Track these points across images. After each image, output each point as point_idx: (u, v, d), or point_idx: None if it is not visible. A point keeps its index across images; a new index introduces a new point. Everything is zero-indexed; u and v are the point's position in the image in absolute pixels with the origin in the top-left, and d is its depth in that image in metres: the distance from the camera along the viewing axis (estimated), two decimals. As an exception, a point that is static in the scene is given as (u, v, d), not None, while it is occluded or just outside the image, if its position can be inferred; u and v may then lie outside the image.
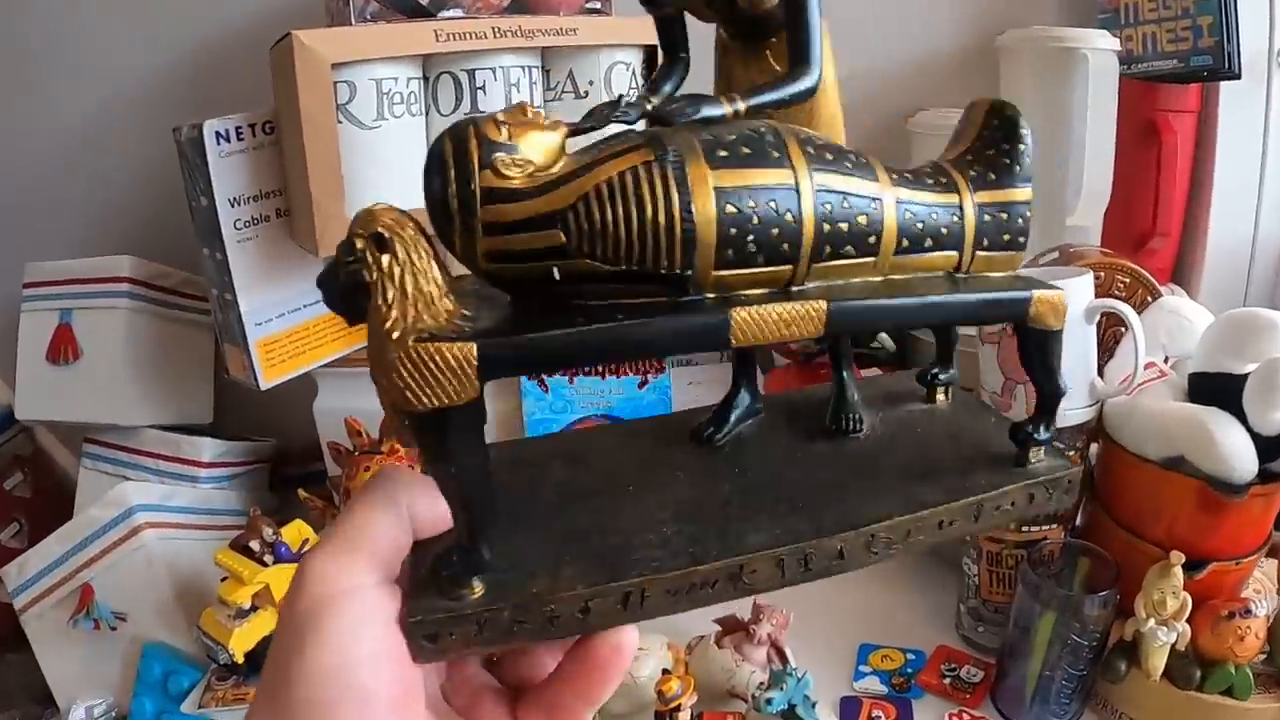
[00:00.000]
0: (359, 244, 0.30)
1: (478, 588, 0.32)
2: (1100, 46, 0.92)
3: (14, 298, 1.01)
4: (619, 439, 0.45)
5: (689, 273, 0.32)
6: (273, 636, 0.33)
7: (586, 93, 0.87)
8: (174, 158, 0.86)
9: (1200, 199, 1.04)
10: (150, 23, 1.12)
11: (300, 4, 1.06)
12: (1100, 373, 0.76)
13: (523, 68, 0.83)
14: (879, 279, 0.36)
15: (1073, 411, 0.74)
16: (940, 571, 0.90)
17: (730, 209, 0.32)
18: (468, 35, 0.77)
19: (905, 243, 0.36)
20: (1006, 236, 0.39)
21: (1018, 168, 0.39)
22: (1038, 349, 0.40)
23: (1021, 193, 0.39)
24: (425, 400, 0.29)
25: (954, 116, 0.97)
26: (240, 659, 0.77)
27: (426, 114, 0.82)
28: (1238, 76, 0.96)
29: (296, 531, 0.82)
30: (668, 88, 0.40)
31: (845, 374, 0.45)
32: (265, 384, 0.86)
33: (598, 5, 0.88)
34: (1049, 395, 0.41)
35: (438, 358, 0.29)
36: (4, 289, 1.05)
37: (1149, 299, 0.84)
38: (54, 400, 0.99)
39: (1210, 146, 1.02)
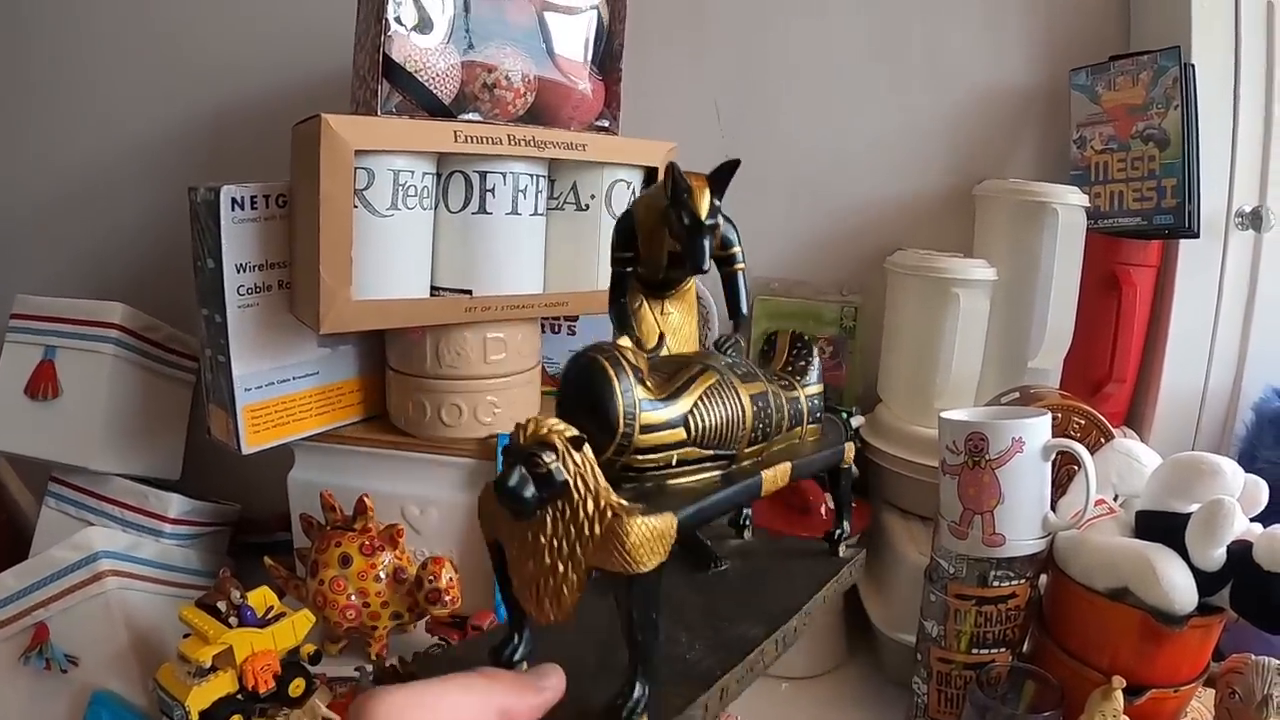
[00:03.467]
0: (559, 444, 0.38)
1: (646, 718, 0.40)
2: (1069, 202, 0.98)
3: (-1, 326, 1.01)
4: None
5: (735, 450, 0.48)
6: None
7: (588, 205, 0.91)
8: (177, 214, 0.88)
9: (1156, 349, 1.07)
10: (174, 81, 1.16)
11: (321, 84, 1.11)
12: (1053, 507, 0.79)
13: (531, 175, 0.86)
14: (778, 448, 0.53)
15: (1025, 543, 0.76)
16: (889, 691, 0.92)
17: (756, 407, 0.49)
18: (484, 139, 0.81)
19: (789, 424, 0.54)
20: (818, 415, 0.58)
21: (814, 372, 0.59)
22: (842, 480, 0.60)
23: (818, 388, 0.59)
24: (649, 561, 0.38)
25: (930, 257, 1.03)
26: (195, 717, 0.76)
27: (435, 208, 0.84)
28: (1196, 235, 1.01)
29: (262, 597, 0.82)
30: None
31: (698, 535, 0.59)
32: (247, 449, 0.87)
33: (606, 124, 0.93)
34: (844, 508, 0.62)
35: (653, 528, 0.39)
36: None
37: (1102, 440, 0.88)
38: (26, 434, 0.98)
39: (1168, 300, 1.06)
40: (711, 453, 0.46)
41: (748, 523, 0.65)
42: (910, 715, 0.84)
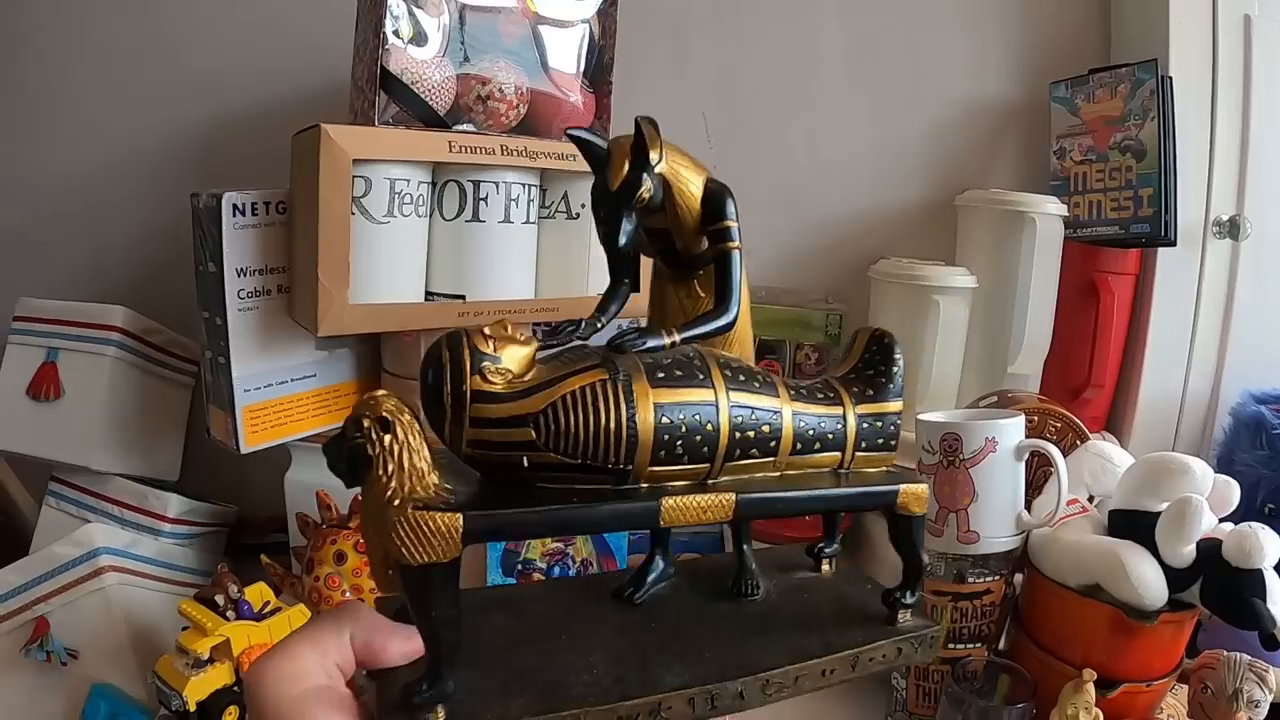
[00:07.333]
0: (365, 423, 0.36)
1: (441, 714, 0.38)
2: (1047, 211, 1.00)
3: (1, 327, 1.03)
4: (553, 594, 0.52)
5: (629, 467, 0.39)
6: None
7: (578, 214, 0.93)
8: (178, 219, 0.90)
9: (1135, 355, 1.10)
10: (176, 89, 1.18)
11: (322, 94, 1.13)
12: (1029, 508, 0.81)
13: (523, 185, 0.89)
14: (777, 474, 0.44)
15: (999, 540, 0.79)
16: (869, 685, 0.93)
17: (665, 419, 0.39)
18: (478, 149, 0.83)
19: (799, 445, 0.44)
20: (881, 440, 0.47)
21: (891, 385, 0.48)
22: (904, 530, 0.48)
23: (894, 405, 0.48)
24: (418, 557, 0.35)
25: (912, 266, 1.05)
26: (193, 707, 0.77)
27: (430, 215, 0.86)
28: (1173, 244, 1.04)
29: (259, 592, 0.84)
30: (613, 308, 0.48)
31: (746, 548, 0.52)
32: (246, 448, 0.89)
33: (598, 135, 0.95)
34: (914, 568, 0.48)
35: (430, 524, 0.35)
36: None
37: (1078, 443, 0.90)
38: (28, 434, 0.99)
39: (1146, 307, 1.08)
40: (579, 462, 0.39)
41: (825, 553, 0.54)
42: (890, 710, 0.86)
